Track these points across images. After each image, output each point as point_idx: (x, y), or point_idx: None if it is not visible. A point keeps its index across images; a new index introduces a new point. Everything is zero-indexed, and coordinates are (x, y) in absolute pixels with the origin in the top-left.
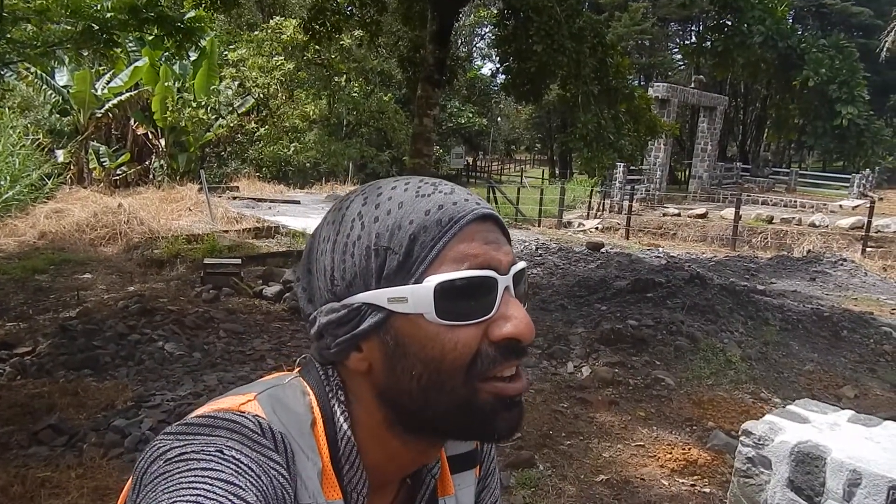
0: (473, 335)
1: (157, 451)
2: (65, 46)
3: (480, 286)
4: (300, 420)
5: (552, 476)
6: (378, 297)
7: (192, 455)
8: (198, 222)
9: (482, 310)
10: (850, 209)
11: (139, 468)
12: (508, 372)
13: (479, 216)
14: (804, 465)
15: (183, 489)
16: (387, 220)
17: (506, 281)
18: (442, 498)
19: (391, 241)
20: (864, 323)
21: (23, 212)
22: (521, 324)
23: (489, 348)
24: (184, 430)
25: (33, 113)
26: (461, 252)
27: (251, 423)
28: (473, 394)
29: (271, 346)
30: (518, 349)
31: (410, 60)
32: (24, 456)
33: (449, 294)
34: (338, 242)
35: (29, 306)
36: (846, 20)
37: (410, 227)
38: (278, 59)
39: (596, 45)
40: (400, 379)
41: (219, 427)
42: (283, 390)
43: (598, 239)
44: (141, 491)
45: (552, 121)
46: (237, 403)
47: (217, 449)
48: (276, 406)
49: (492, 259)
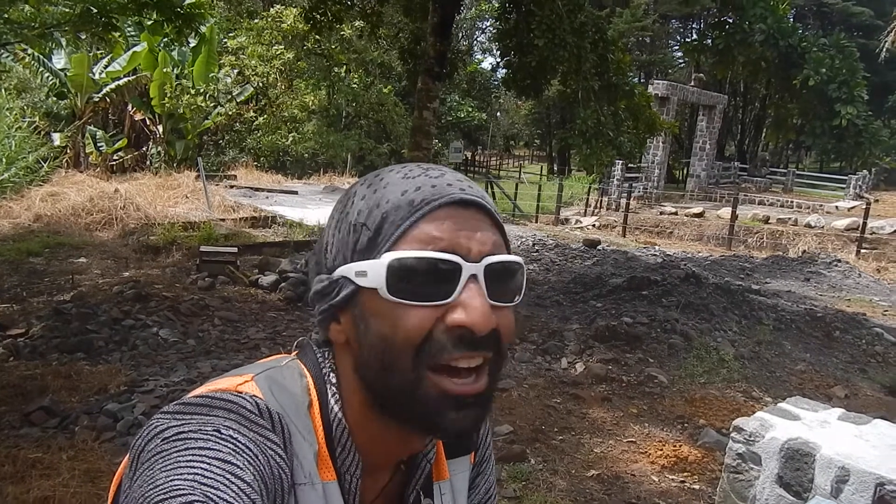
0: (426, 317)
1: (154, 429)
2: (62, 29)
3: (439, 269)
4: (297, 401)
5: (543, 470)
6: (349, 271)
7: (190, 434)
8: (194, 210)
9: (439, 293)
10: (845, 210)
11: (136, 446)
12: (465, 363)
13: (455, 200)
14: (793, 461)
15: (181, 468)
16: (370, 199)
17: (473, 269)
18: (437, 482)
19: (367, 218)
20: (857, 324)
21: (18, 194)
22: (475, 313)
23: (442, 335)
24: (181, 409)
25: (30, 95)
26: (426, 233)
27: (248, 404)
28: (420, 381)
29: (266, 334)
30: (470, 340)
31: (411, 52)
32: (15, 437)
33: (403, 272)
34: (334, 219)
35: (23, 288)
36: (846, 20)
37: (385, 206)
38: (278, 48)
39: (597, 40)
40: (365, 353)
41: (216, 407)
42: (280, 372)
43: (594, 236)
44: (138, 469)
45: (551, 117)
46: (235, 384)
47: (214, 428)
48: (274, 387)
49: (458, 244)
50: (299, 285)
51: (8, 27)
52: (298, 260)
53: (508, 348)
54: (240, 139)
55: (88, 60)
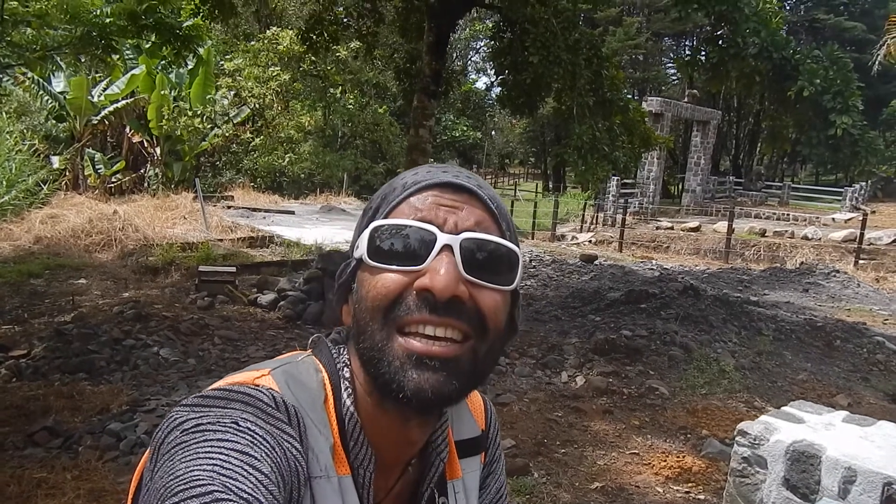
0: (398, 281)
1: (174, 422)
2: (63, 51)
3: (414, 237)
4: (313, 396)
5: (547, 483)
6: (353, 250)
7: (209, 426)
8: (192, 231)
9: (412, 259)
10: (842, 222)
11: (157, 438)
12: (430, 330)
13: (442, 182)
14: (799, 463)
15: (200, 458)
16: (382, 190)
17: (448, 240)
18: (450, 481)
19: (373, 203)
20: (857, 333)
21: (18, 216)
22: (439, 277)
23: (409, 297)
24: (200, 402)
25: (29, 118)
26: (410, 206)
27: (265, 397)
28: (388, 340)
29: (266, 353)
30: (434, 304)
31: (406, 72)
32: (20, 457)
33: (381, 238)
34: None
35: (24, 310)
36: (839, 35)
37: (386, 189)
38: (274, 70)
39: (591, 57)
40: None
41: (234, 400)
42: (296, 367)
43: (591, 251)
44: (158, 460)
45: (546, 135)
46: (252, 378)
47: (233, 420)
48: (290, 381)
49: (436, 216)
50: (298, 304)
51: (10, 50)
52: (296, 279)
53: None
54: (237, 160)
55: (87, 83)
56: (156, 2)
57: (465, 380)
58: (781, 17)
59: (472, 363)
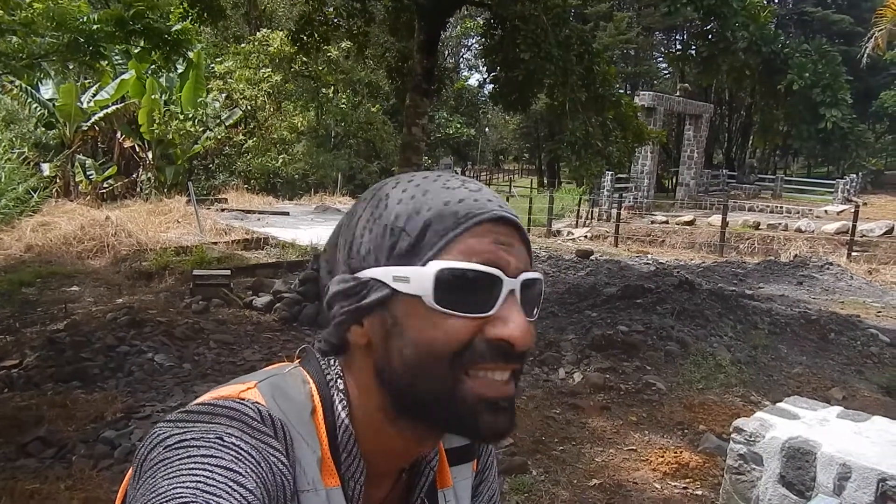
0: (467, 328)
1: (157, 438)
2: (51, 59)
3: (483, 282)
4: (300, 408)
5: (545, 481)
6: (385, 274)
7: (193, 442)
8: (186, 234)
9: (481, 306)
10: (834, 214)
11: (139, 455)
12: (500, 375)
13: (496, 217)
14: (795, 460)
15: (183, 475)
16: (408, 204)
17: (512, 284)
18: (441, 490)
19: (407, 223)
20: (851, 325)
21: (9, 225)
22: (518, 329)
23: (481, 344)
24: (184, 417)
25: (18, 126)
26: (470, 246)
27: (251, 411)
28: (457, 385)
29: (262, 356)
30: (509, 353)
31: (398, 71)
32: (12, 468)
33: (449, 282)
34: (362, 218)
35: (16, 319)
36: (827, 28)
37: (427, 214)
38: (265, 72)
39: (583, 52)
40: (393, 357)
41: (219, 414)
42: (283, 379)
43: (587, 247)
44: (141, 477)
45: (540, 130)
46: (237, 391)
47: (217, 436)
48: (276, 394)
49: (500, 259)
50: (294, 305)
51: None
52: (292, 281)
53: None
54: (230, 162)
55: (76, 90)
56: (143, 7)
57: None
58: (770, 11)
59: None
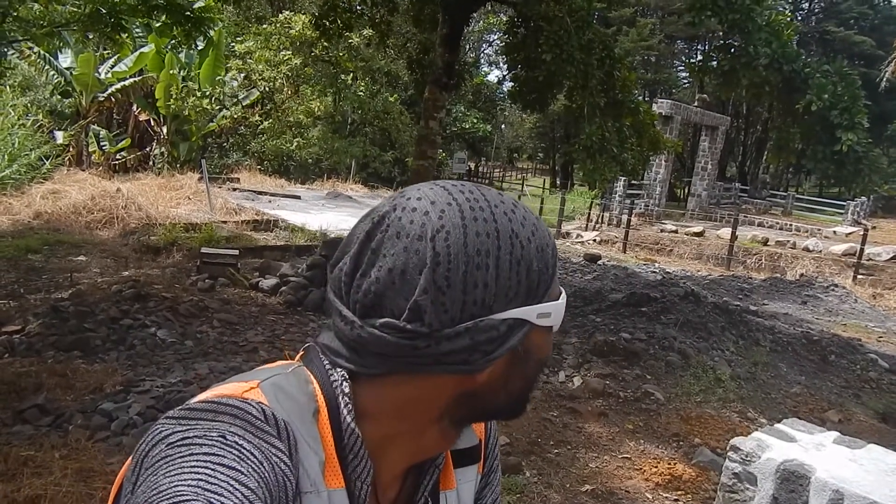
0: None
1: (159, 434)
2: (71, 28)
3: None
4: (302, 409)
5: (538, 483)
6: (529, 313)
7: (195, 440)
8: (196, 211)
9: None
10: (843, 236)
11: (140, 451)
12: None
13: None
14: (789, 482)
15: (185, 473)
16: (532, 243)
17: None
18: (443, 492)
19: (539, 262)
20: (852, 349)
21: (19, 191)
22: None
23: None
24: (186, 414)
25: (34, 93)
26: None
27: (255, 410)
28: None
29: (265, 338)
30: None
31: (419, 63)
32: (7, 434)
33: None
34: (500, 259)
35: (20, 285)
36: (848, 48)
37: (548, 251)
38: (286, 54)
39: (604, 57)
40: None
41: (222, 413)
42: (286, 378)
43: (595, 251)
44: (141, 474)
45: (556, 131)
46: (240, 390)
47: (220, 434)
48: (279, 394)
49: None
50: (300, 290)
51: (17, 25)
52: (299, 265)
53: None
54: (244, 142)
55: (95, 60)
56: None
57: None
58: (793, 28)
59: None
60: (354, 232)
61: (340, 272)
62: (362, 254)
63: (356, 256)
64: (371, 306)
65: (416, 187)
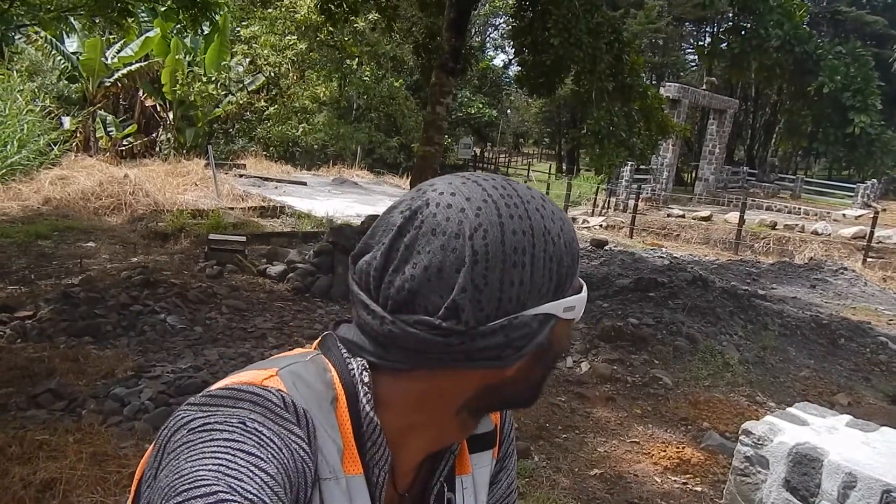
0: None
1: (180, 420)
2: (78, 13)
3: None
4: (320, 397)
5: (546, 468)
6: (557, 308)
7: (216, 426)
8: (203, 198)
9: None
10: (853, 218)
11: (162, 436)
12: None
13: None
14: (801, 465)
15: (206, 458)
16: (562, 238)
17: None
18: (459, 476)
19: (568, 257)
20: (862, 332)
21: (28, 177)
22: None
23: None
24: (207, 401)
25: (41, 78)
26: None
27: (274, 397)
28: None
29: (273, 324)
30: None
31: (425, 47)
32: (22, 418)
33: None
34: (535, 256)
35: (31, 271)
36: (860, 28)
37: (574, 245)
38: (291, 39)
39: (613, 41)
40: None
41: (242, 399)
42: (304, 367)
43: (602, 236)
44: (164, 459)
45: (562, 116)
46: (260, 378)
47: (240, 421)
48: (298, 382)
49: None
50: (307, 276)
51: (24, 9)
52: (306, 251)
53: None
54: (250, 128)
55: (101, 45)
56: None
57: None
58: (805, 10)
59: None
60: (382, 224)
61: (369, 266)
62: (394, 249)
63: (387, 252)
64: (404, 303)
65: (447, 181)
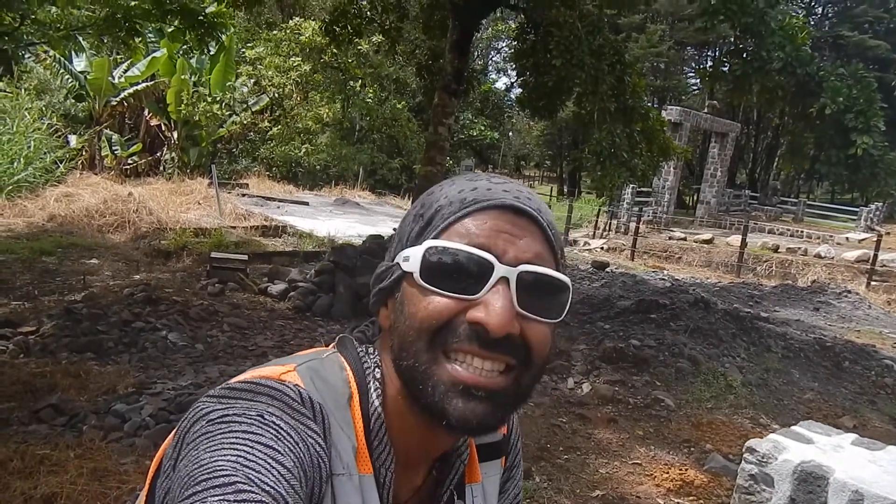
0: (449, 307)
1: (200, 412)
2: (87, 32)
3: (472, 265)
4: (337, 394)
5: (548, 489)
6: (400, 257)
7: (235, 418)
8: (206, 216)
9: (469, 288)
10: (856, 242)
11: (182, 427)
12: (479, 363)
13: (505, 205)
14: (806, 483)
15: (224, 449)
16: (435, 194)
17: (505, 272)
18: (469, 485)
19: (425, 210)
20: (866, 355)
21: (33, 193)
22: (494, 313)
23: (460, 326)
24: (227, 393)
25: (49, 96)
26: (467, 229)
27: (292, 392)
28: (433, 364)
29: (274, 343)
30: (485, 339)
31: (428, 69)
32: (24, 433)
33: (435, 260)
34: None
35: (35, 287)
36: (862, 53)
37: (442, 201)
38: (295, 60)
39: (615, 62)
40: (396, 337)
41: (260, 393)
42: (321, 364)
43: (603, 258)
44: (183, 449)
45: (563, 138)
46: (278, 373)
47: (258, 413)
48: (315, 378)
49: (495, 245)
50: (308, 295)
51: (34, 28)
52: (308, 270)
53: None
54: (253, 148)
55: (109, 64)
56: None
57: (509, 408)
58: (808, 32)
59: (516, 392)
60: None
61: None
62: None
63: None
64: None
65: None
